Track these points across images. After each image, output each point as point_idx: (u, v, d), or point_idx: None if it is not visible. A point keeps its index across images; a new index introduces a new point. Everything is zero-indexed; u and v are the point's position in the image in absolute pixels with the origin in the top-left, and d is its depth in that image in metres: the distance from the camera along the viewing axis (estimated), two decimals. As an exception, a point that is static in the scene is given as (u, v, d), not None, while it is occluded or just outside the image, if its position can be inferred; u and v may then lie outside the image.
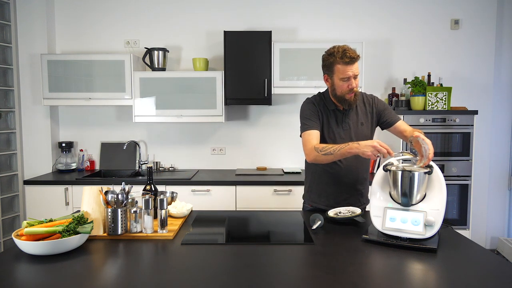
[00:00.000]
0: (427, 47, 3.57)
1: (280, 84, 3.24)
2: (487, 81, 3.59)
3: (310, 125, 1.88)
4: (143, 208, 1.62)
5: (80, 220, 1.49)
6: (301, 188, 2.23)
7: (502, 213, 3.72)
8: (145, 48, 3.40)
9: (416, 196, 1.51)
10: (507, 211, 3.72)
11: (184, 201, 2.03)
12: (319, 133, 1.88)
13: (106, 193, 1.60)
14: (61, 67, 3.25)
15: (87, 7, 3.54)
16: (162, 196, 1.68)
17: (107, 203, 1.59)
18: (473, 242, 1.54)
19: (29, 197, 3.07)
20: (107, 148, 3.63)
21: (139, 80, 3.25)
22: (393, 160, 1.64)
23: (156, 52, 3.32)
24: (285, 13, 3.54)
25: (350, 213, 1.78)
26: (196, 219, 1.88)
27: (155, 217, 1.71)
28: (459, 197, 3.22)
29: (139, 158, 3.59)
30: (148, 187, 1.84)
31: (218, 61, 3.54)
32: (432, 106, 3.20)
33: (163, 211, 1.62)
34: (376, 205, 1.58)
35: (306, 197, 2.10)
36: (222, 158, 3.66)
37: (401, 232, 1.48)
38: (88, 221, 1.52)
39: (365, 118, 1.95)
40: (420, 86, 3.26)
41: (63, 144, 3.46)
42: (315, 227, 1.66)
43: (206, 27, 3.56)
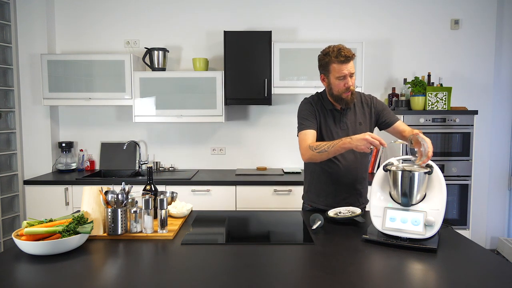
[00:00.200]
0: (427, 47, 3.57)
1: (280, 84, 3.24)
2: (487, 81, 3.59)
3: (307, 125, 1.89)
4: (143, 208, 1.62)
5: (80, 220, 1.49)
6: (301, 188, 2.23)
7: (502, 213, 3.72)
8: (145, 48, 3.40)
9: (416, 196, 1.51)
10: (507, 211, 3.72)
11: (184, 201, 2.03)
12: (316, 133, 1.89)
13: (106, 193, 1.60)
14: (61, 67, 3.25)
15: (87, 7, 3.54)
16: (162, 196, 1.68)
17: (107, 203, 1.59)
18: (473, 242, 1.54)
19: (29, 197, 3.07)
20: (107, 148, 3.63)
21: (139, 80, 3.25)
22: (393, 160, 1.64)
23: (156, 52, 3.32)
24: (285, 13, 3.54)
25: (350, 213, 1.78)
26: (196, 219, 1.88)
27: (155, 217, 1.71)
28: (459, 197, 3.22)
29: (139, 158, 3.59)
30: (148, 187, 1.84)
31: (218, 61, 3.54)
32: (432, 106, 3.20)
33: (163, 211, 1.62)
34: (376, 205, 1.58)
35: (305, 197, 2.11)
36: (222, 158, 3.67)
37: (401, 232, 1.48)
38: (88, 221, 1.52)
39: (363, 118, 1.95)
40: (420, 86, 3.26)
41: (63, 144, 3.46)
42: (315, 227, 1.66)
43: (206, 27, 3.56)
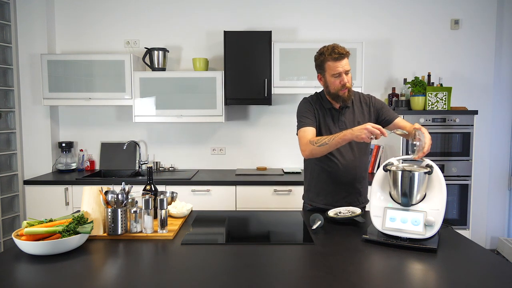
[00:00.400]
0: (427, 47, 3.57)
1: (280, 84, 3.24)
2: (487, 81, 3.59)
3: (306, 123, 1.90)
4: (143, 208, 1.62)
5: (80, 220, 1.49)
6: (301, 188, 2.23)
7: (502, 213, 3.72)
8: (145, 48, 3.40)
9: (416, 196, 1.51)
10: (507, 211, 3.72)
11: (184, 201, 2.03)
12: (315, 130, 1.90)
13: (106, 193, 1.60)
14: (61, 67, 3.25)
15: (87, 7, 3.54)
16: (162, 196, 1.68)
17: (107, 203, 1.59)
18: (473, 242, 1.54)
19: (29, 197, 3.07)
20: (107, 148, 3.63)
21: (139, 80, 3.25)
22: (393, 160, 1.64)
23: (156, 52, 3.32)
24: (285, 13, 3.53)
25: (350, 213, 1.78)
26: (196, 219, 1.88)
27: (155, 217, 1.71)
28: (459, 197, 3.22)
29: (139, 158, 3.59)
30: (148, 187, 1.84)
31: (218, 61, 3.54)
32: (432, 106, 3.20)
33: (163, 211, 1.62)
34: (376, 205, 1.58)
35: (305, 197, 2.11)
36: (222, 158, 3.66)
37: (401, 232, 1.48)
38: (88, 221, 1.52)
39: (362, 117, 1.96)
40: (420, 86, 3.26)
41: (63, 144, 3.46)
42: (315, 227, 1.66)
43: (206, 27, 3.56)
